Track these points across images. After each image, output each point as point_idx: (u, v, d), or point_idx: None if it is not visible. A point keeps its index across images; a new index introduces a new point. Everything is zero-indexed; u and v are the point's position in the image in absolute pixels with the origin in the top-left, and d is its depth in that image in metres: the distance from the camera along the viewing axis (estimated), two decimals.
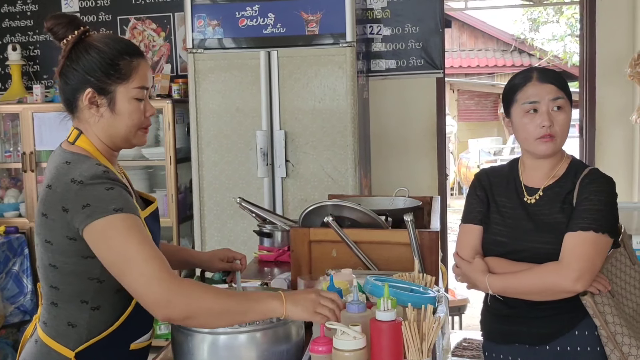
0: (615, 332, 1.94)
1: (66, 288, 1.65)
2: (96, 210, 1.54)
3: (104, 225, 1.53)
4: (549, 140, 2.01)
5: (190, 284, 1.56)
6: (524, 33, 14.86)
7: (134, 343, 1.74)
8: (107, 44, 1.68)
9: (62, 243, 1.61)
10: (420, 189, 4.38)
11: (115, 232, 1.53)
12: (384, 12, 4.53)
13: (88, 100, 1.67)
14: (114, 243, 1.53)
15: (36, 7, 4.98)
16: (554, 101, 2.00)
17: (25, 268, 4.49)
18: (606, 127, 4.38)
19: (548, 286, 1.93)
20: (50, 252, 1.63)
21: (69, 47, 1.68)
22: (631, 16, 4.31)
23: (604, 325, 1.94)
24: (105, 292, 1.65)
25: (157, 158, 4.42)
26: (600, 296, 1.96)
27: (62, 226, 1.58)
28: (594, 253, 1.90)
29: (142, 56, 1.72)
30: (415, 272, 1.96)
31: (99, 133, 1.70)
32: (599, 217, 1.91)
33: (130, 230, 1.54)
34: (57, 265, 1.63)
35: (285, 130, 3.94)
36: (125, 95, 1.68)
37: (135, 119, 1.70)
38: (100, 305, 1.66)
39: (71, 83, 1.68)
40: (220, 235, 4.08)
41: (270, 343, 1.61)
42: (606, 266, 2.00)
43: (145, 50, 4.84)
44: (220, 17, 3.99)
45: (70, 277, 1.63)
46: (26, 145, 4.56)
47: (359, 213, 2.31)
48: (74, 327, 1.66)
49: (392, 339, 1.47)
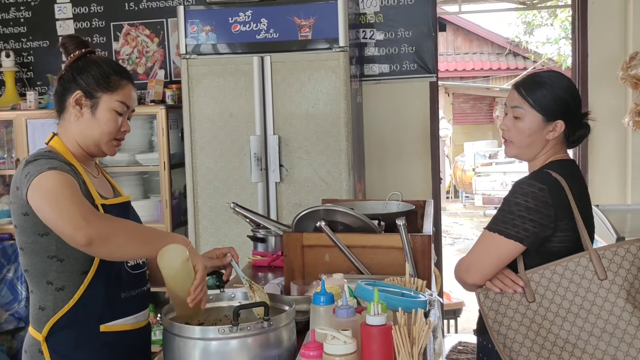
0: (506, 336, 1.96)
1: (33, 270, 1.82)
2: (33, 172, 1.72)
3: (38, 181, 1.70)
4: (506, 144, 2.14)
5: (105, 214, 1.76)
6: (518, 36, 14.90)
7: (105, 325, 1.82)
8: (106, 63, 1.94)
9: (20, 222, 1.80)
10: (415, 192, 4.38)
11: (46, 183, 1.69)
12: (376, 16, 4.54)
13: (75, 100, 1.89)
14: (45, 191, 1.68)
15: (29, 14, 4.98)
16: (513, 109, 2.09)
17: (19, 275, 4.48)
18: (599, 130, 4.39)
19: (455, 276, 2.12)
20: (18, 235, 1.83)
21: (74, 59, 1.93)
22: (623, 19, 4.33)
23: (487, 324, 2.00)
24: (68, 273, 1.80)
25: (151, 164, 4.41)
26: (503, 295, 1.98)
27: (19, 205, 1.78)
28: (483, 250, 2.02)
29: (131, 81, 1.96)
30: (406, 276, 1.97)
31: (75, 132, 1.91)
32: (497, 217, 2.01)
33: (61, 181, 1.70)
34: (23, 247, 1.83)
35: (279, 135, 3.95)
36: (108, 104, 1.90)
37: (111, 128, 1.91)
38: (65, 286, 1.80)
39: (66, 86, 1.91)
40: (214, 240, 4.08)
41: (261, 348, 1.61)
42: (542, 271, 1.95)
43: (138, 56, 4.85)
44: (213, 23, 4.00)
45: (33, 257, 1.81)
46: (20, 151, 4.55)
47: (351, 217, 2.32)
48: (43, 310, 1.81)
49: (383, 343, 1.47)
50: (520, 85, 2.09)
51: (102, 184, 1.96)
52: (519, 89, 2.08)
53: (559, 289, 1.94)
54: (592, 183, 4.38)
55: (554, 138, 2.07)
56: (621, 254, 1.92)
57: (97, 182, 1.93)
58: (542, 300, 1.94)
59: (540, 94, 2.04)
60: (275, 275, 2.65)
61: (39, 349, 1.80)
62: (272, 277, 2.61)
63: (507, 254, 1.98)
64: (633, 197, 4.30)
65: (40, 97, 4.67)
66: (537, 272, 1.96)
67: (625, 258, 1.92)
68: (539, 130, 2.06)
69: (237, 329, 1.59)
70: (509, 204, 1.98)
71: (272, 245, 2.88)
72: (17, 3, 4.98)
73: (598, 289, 1.91)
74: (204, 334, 1.61)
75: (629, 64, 4.04)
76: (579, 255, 1.94)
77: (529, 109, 2.05)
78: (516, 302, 1.96)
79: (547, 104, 2.04)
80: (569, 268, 1.94)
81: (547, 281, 1.95)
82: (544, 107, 2.04)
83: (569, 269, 1.93)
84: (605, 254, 1.93)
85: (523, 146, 2.09)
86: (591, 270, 1.92)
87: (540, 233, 1.96)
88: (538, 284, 1.95)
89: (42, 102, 4.64)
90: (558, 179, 1.98)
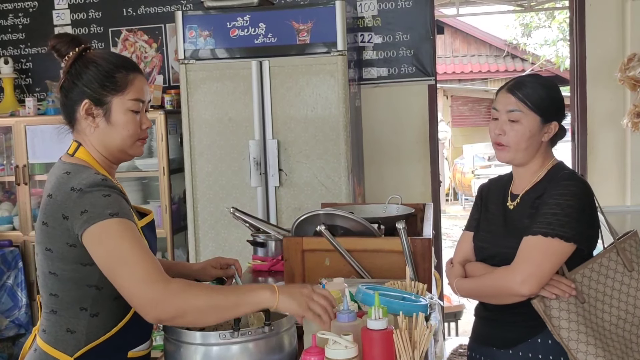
0: (569, 339, 1.92)
1: (65, 295, 1.69)
2: (93, 215, 1.59)
3: (100, 229, 1.58)
4: (501, 149, 2.10)
5: (179, 282, 1.59)
6: (516, 38, 14.90)
7: (132, 351, 1.76)
8: (105, 59, 1.76)
9: (62, 250, 1.65)
10: (414, 195, 4.38)
11: (110, 235, 1.58)
12: (374, 20, 4.54)
13: (85, 111, 1.74)
14: (108, 246, 1.58)
15: (27, 21, 4.99)
16: (509, 113, 2.07)
17: (19, 281, 4.48)
18: (598, 131, 4.39)
19: (498, 289, 2.00)
20: (51, 259, 1.68)
21: (69, 62, 1.75)
22: (620, 21, 4.33)
23: (553, 330, 1.94)
24: (104, 299, 1.69)
25: (150, 169, 4.42)
26: (559, 301, 1.94)
27: (62, 233, 1.64)
28: (541, 257, 1.93)
29: (138, 71, 1.79)
30: (407, 279, 1.97)
31: (95, 144, 1.76)
32: (552, 221, 1.94)
33: (125, 233, 1.59)
34: (57, 273, 1.68)
35: (278, 140, 3.95)
36: (121, 106, 1.74)
37: (131, 130, 1.76)
38: (99, 312, 1.70)
39: (70, 96, 1.75)
40: (214, 245, 4.08)
41: (263, 353, 1.61)
42: (582, 271, 1.97)
43: (137, 61, 4.84)
44: (211, 28, 4.00)
45: (69, 284, 1.68)
46: (19, 158, 4.55)
47: (351, 221, 2.31)
48: (73, 334, 1.70)
49: (384, 348, 1.47)
50: (515, 88, 2.08)
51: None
52: (514, 92, 2.07)
53: (599, 285, 1.98)
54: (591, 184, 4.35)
55: (546, 140, 2.09)
56: (634, 245, 2.03)
57: None
58: (589, 299, 1.97)
59: (537, 95, 2.05)
60: (276, 279, 2.64)
61: None
62: (273, 282, 2.61)
63: (565, 257, 1.95)
64: (632, 198, 4.30)
65: (39, 104, 4.67)
66: (578, 273, 1.97)
67: (638, 249, 2.04)
68: (537, 132, 2.06)
69: (238, 334, 1.59)
70: (561, 206, 1.95)
71: (272, 249, 2.87)
72: (15, 10, 4.98)
73: (630, 280, 2.00)
74: (205, 339, 1.61)
75: (627, 65, 4.04)
76: (608, 251, 2.01)
77: (527, 112, 2.05)
78: (573, 305, 1.95)
79: (545, 105, 2.05)
80: (603, 264, 2.00)
81: (588, 280, 1.98)
82: (543, 108, 2.05)
83: (603, 265, 2.00)
84: (625, 247, 2.02)
85: (520, 150, 2.08)
86: (621, 264, 2.01)
87: (589, 232, 2.00)
88: (582, 284, 1.97)
89: (41, 108, 4.64)
90: (584, 179, 2.05)
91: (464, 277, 2.13)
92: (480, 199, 2.27)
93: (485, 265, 2.09)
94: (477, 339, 2.23)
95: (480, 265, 2.12)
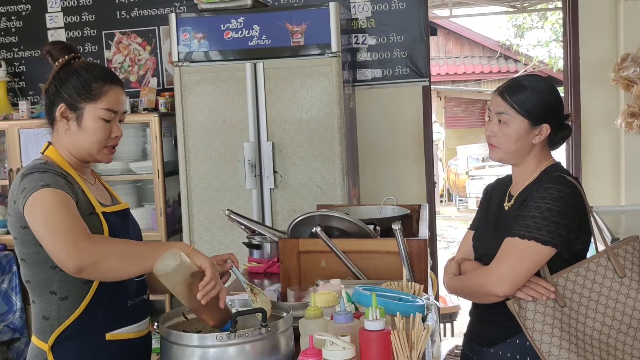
0: (542, 341, 1.92)
1: (35, 280, 1.81)
2: (28, 189, 1.73)
3: (33, 199, 1.71)
4: (492, 149, 2.14)
5: (98, 235, 1.75)
6: (509, 39, 14.94)
7: (111, 333, 1.82)
8: (86, 69, 1.90)
9: (20, 234, 1.80)
10: (409, 197, 4.39)
11: (42, 202, 1.70)
12: (368, 21, 4.55)
13: (60, 113, 1.90)
14: (39, 211, 1.70)
15: (21, 24, 4.97)
16: (498, 115, 2.09)
17: (14, 285, 4.46)
18: (592, 132, 4.40)
19: (475, 289, 2.03)
20: (17, 246, 1.83)
21: (57, 69, 1.91)
22: (613, 21, 4.35)
23: (526, 332, 1.94)
24: (71, 282, 1.78)
25: (145, 172, 4.40)
26: (536, 303, 1.93)
27: (16, 218, 1.79)
28: (516, 259, 1.94)
29: (116, 83, 1.93)
30: (403, 280, 1.97)
31: (66, 144, 1.91)
32: (530, 224, 1.95)
33: (54, 199, 1.70)
34: (24, 258, 1.82)
35: (273, 142, 3.95)
36: (93, 113, 1.88)
37: (99, 136, 1.89)
38: (68, 295, 1.80)
39: (52, 99, 1.92)
40: (209, 247, 4.07)
41: (259, 355, 1.61)
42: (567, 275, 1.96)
43: (131, 64, 4.84)
44: (205, 30, 4.00)
45: (35, 268, 1.80)
46: (12, 161, 4.53)
47: (347, 223, 2.32)
48: (47, 320, 1.81)
49: (381, 348, 1.47)
50: (505, 91, 2.08)
51: (100, 191, 1.96)
52: (503, 95, 2.07)
53: (584, 290, 1.96)
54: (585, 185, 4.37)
55: (540, 142, 2.08)
56: (630, 251, 1.99)
57: (95, 190, 1.93)
58: (571, 303, 1.95)
59: (525, 98, 2.04)
60: (272, 281, 2.64)
61: (45, 359, 1.80)
62: (269, 284, 2.61)
63: (542, 261, 1.95)
64: (627, 198, 4.31)
65: (32, 107, 4.66)
66: (561, 276, 1.96)
67: (634, 255, 1.99)
68: (526, 135, 2.06)
69: (234, 336, 1.59)
70: (540, 209, 1.94)
71: (267, 251, 2.88)
72: (8, 13, 4.97)
73: (620, 286, 1.96)
74: (201, 341, 1.61)
75: (620, 65, 4.06)
76: (598, 256, 1.98)
77: (514, 115, 2.05)
78: (551, 308, 1.94)
79: (532, 108, 2.04)
80: (590, 269, 1.97)
81: (572, 284, 1.96)
82: (530, 111, 2.04)
83: (590, 270, 1.97)
84: (619, 252, 1.98)
85: (509, 151, 2.09)
86: (611, 269, 1.97)
87: (570, 236, 1.96)
88: (565, 288, 1.96)
89: (35, 111, 4.63)
90: (574, 182, 2.01)
91: (457, 275, 2.14)
92: (484, 198, 2.30)
93: (478, 264, 2.10)
94: (469, 336, 2.25)
95: (473, 263, 2.13)
